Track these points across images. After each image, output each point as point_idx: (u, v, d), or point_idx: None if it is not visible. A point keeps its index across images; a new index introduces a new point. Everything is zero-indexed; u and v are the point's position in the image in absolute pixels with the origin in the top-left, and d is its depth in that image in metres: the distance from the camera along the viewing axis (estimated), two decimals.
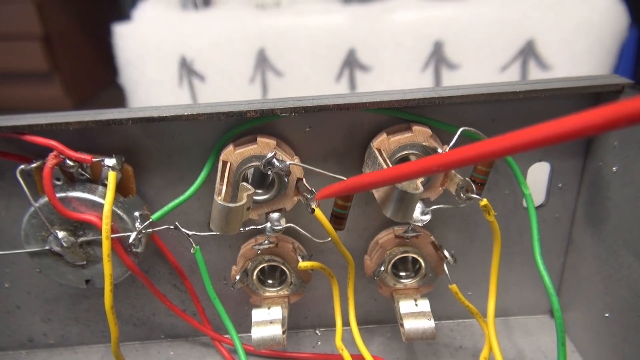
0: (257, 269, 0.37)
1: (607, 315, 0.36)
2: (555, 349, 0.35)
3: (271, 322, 0.36)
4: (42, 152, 0.32)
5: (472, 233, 0.40)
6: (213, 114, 0.32)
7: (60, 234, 0.34)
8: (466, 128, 0.33)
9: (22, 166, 0.33)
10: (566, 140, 0.15)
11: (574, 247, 0.40)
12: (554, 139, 0.15)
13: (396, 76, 0.86)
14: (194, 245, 0.34)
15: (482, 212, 0.34)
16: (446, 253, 0.36)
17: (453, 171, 0.33)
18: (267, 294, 0.38)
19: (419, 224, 0.34)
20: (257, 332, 0.36)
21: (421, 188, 0.30)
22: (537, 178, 0.39)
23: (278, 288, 0.38)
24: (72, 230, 0.34)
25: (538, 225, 0.36)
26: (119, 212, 0.34)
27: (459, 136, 0.33)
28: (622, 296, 0.34)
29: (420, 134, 0.33)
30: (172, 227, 0.34)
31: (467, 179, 0.33)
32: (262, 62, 0.86)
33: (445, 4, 0.85)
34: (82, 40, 1.60)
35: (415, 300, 0.38)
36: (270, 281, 0.39)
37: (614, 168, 0.34)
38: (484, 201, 0.33)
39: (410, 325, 0.36)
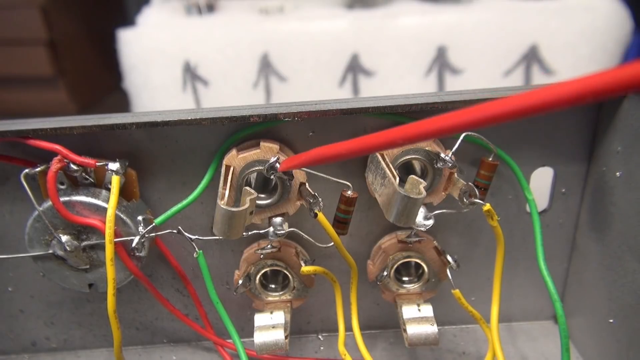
0: (260, 274, 0.37)
1: (611, 321, 0.36)
2: (559, 355, 0.35)
3: (274, 326, 0.36)
4: (47, 157, 0.32)
5: (475, 238, 0.40)
6: (216, 118, 0.32)
7: (64, 238, 0.34)
8: (469, 133, 0.33)
9: (27, 170, 0.33)
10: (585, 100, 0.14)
11: (578, 252, 0.40)
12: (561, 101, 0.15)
13: (399, 81, 0.86)
14: (196, 249, 0.34)
15: (485, 217, 0.33)
16: (449, 258, 0.36)
17: (456, 176, 0.33)
18: (270, 298, 0.38)
19: (422, 229, 0.34)
20: (260, 337, 0.36)
21: (424, 193, 0.30)
22: (540, 183, 0.39)
23: (281, 293, 0.38)
24: (75, 234, 0.34)
25: (541, 231, 0.36)
26: (122, 216, 0.34)
27: (462, 141, 0.33)
28: (627, 302, 0.34)
29: None
30: (175, 231, 0.34)
31: (470, 183, 0.33)
32: (266, 67, 0.87)
33: (449, 9, 0.85)
34: (86, 45, 1.61)
35: (418, 305, 0.37)
36: (272, 286, 0.39)
37: (618, 173, 0.34)
38: (487, 206, 0.33)
39: (413, 330, 0.36)
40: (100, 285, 0.36)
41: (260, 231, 0.34)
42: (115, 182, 0.33)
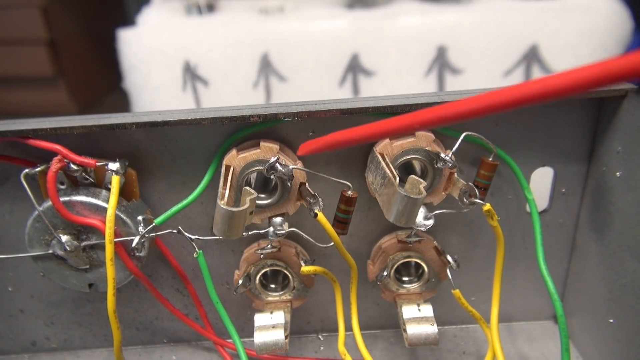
0: (260, 274, 0.37)
1: (611, 321, 0.36)
2: (559, 355, 0.35)
3: (274, 326, 0.36)
4: (47, 156, 0.32)
5: (475, 238, 0.40)
6: (216, 118, 0.32)
7: (64, 238, 0.34)
8: (469, 133, 0.33)
9: (27, 170, 0.33)
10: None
11: (578, 252, 0.40)
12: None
13: (399, 81, 0.86)
14: (196, 249, 0.34)
15: (486, 217, 0.33)
16: (449, 258, 0.36)
17: (456, 176, 0.33)
18: (270, 298, 0.38)
19: (422, 229, 0.34)
20: (260, 337, 0.36)
21: (424, 192, 0.30)
22: (540, 183, 0.39)
23: (281, 293, 0.38)
24: (75, 234, 0.34)
25: (541, 231, 0.36)
26: (122, 216, 0.34)
27: (462, 141, 0.33)
28: (627, 302, 0.34)
29: (423, 138, 0.33)
30: (175, 231, 0.34)
31: (470, 183, 0.33)
32: (266, 67, 0.87)
33: (449, 9, 0.85)
34: (87, 45, 1.61)
35: (418, 305, 0.37)
36: (272, 286, 0.39)
37: (618, 173, 0.34)
38: (487, 206, 0.33)
39: (413, 330, 0.36)
40: (100, 285, 0.36)
41: (260, 231, 0.34)
42: (115, 182, 0.33)
